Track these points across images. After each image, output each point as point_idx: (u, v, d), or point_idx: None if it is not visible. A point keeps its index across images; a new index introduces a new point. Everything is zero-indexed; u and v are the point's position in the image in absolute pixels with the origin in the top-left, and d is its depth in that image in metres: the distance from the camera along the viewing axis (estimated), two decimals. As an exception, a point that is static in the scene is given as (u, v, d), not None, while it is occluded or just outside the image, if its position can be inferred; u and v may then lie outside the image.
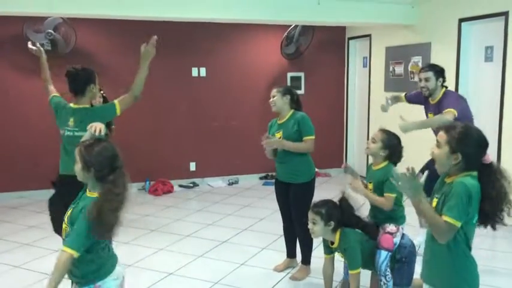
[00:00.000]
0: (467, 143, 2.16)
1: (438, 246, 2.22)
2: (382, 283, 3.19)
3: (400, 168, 3.34)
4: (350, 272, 3.18)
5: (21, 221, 5.52)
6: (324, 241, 3.37)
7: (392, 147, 3.27)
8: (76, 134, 3.28)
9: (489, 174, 2.17)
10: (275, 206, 4.39)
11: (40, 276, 3.96)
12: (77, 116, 3.35)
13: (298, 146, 3.76)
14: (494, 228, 2.25)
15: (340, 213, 3.22)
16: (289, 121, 3.83)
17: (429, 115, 4.27)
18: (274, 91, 3.92)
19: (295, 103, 3.91)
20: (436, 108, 4.12)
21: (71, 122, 3.35)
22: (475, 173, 2.17)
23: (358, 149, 7.90)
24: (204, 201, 6.51)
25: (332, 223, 3.18)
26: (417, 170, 2.21)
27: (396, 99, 4.67)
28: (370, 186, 3.33)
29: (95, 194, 2.23)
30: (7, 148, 6.43)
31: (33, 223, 5.37)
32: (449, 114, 3.91)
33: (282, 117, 3.89)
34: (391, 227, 3.22)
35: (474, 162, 2.17)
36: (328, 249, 3.36)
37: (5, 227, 5.38)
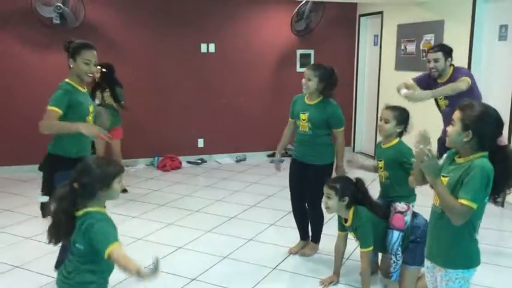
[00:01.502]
0: (482, 122, 2.13)
1: (443, 224, 2.22)
2: (392, 261, 3.22)
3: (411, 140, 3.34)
4: (361, 250, 3.20)
5: (31, 194, 5.56)
6: (339, 218, 3.40)
7: (405, 121, 3.26)
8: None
9: (503, 156, 2.15)
10: (283, 183, 4.42)
11: (51, 247, 4.00)
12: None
13: (342, 150, 3.74)
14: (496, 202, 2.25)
15: (355, 191, 3.23)
16: (318, 107, 3.68)
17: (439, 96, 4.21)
18: (310, 74, 3.64)
19: (327, 89, 3.70)
20: None
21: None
22: (486, 153, 2.15)
23: (367, 128, 7.87)
24: (212, 177, 6.54)
25: (346, 199, 3.18)
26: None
27: (408, 88, 4.58)
28: (381, 164, 3.32)
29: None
30: (17, 122, 6.46)
31: (44, 196, 5.44)
32: (463, 83, 3.86)
33: (311, 99, 3.74)
34: (401, 206, 3.23)
35: (488, 143, 2.15)
36: (342, 226, 3.39)
37: (16, 199, 5.45)
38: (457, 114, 2.19)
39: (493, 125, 2.16)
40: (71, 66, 3.23)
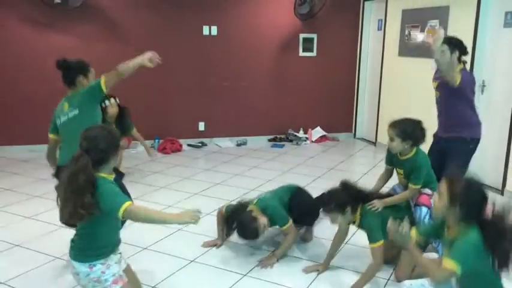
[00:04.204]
0: (467, 196, 2.20)
1: None
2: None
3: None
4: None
5: (31, 174, 5.59)
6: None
7: (411, 134, 3.20)
8: (70, 115, 3.22)
9: (493, 231, 2.17)
10: (283, 168, 4.41)
11: (51, 227, 4.03)
12: (71, 100, 3.27)
13: None
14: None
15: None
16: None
17: (433, 83, 4.07)
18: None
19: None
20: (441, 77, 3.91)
21: (66, 106, 3.27)
22: (474, 226, 2.19)
23: (369, 114, 7.84)
24: (212, 160, 6.54)
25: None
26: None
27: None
28: (401, 171, 3.37)
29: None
30: (17, 102, 6.44)
31: (44, 176, 5.42)
32: (455, 77, 3.56)
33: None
34: (426, 190, 3.32)
35: (473, 215, 2.21)
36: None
37: (16, 179, 5.46)
38: (444, 188, 2.26)
39: (478, 197, 2.22)
40: (82, 82, 3.28)
